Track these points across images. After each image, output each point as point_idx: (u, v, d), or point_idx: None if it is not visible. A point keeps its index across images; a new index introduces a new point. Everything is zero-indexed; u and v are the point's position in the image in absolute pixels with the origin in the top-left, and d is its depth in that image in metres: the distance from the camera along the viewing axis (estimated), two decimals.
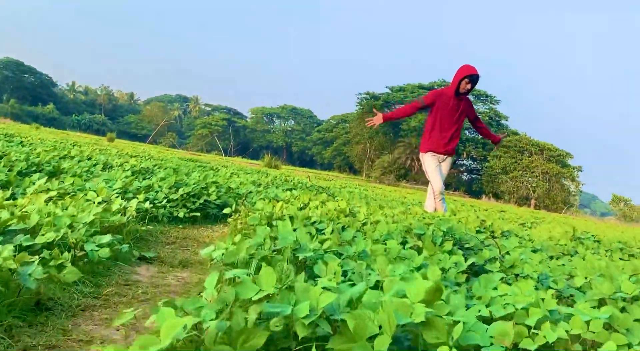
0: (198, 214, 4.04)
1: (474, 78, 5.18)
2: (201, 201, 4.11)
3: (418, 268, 2.14)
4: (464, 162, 78.84)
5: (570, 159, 66.98)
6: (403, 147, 72.74)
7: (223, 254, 1.82)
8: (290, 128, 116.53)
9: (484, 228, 4.54)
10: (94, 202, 3.24)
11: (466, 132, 75.89)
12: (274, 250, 1.90)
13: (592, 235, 4.91)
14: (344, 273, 1.86)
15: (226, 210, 3.65)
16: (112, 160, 7.21)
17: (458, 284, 2.29)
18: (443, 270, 2.28)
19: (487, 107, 75.80)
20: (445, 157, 5.50)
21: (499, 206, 26.57)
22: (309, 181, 11.61)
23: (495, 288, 2.19)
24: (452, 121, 5.39)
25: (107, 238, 2.31)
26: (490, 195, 68.37)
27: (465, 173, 79.51)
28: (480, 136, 5.77)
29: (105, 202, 3.36)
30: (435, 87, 77.62)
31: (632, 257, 4.28)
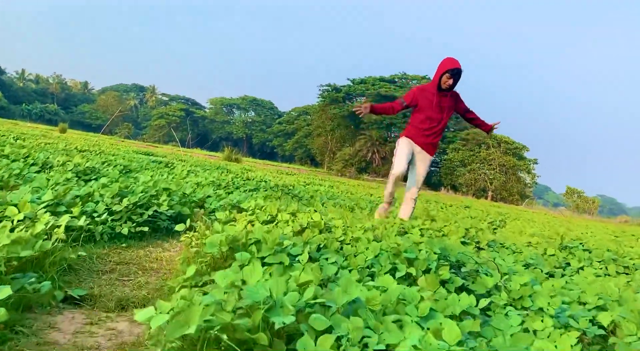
0: (146, 229, 3.42)
1: (454, 72, 4.74)
2: (150, 212, 3.49)
3: (425, 318, 1.67)
4: None
5: (526, 152, 68.50)
6: (364, 140, 72.73)
7: (168, 321, 1.29)
8: (250, 120, 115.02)
9: (469, 239, 4.13)
10: (12, 222, 2.62)
11: None
12: (240, 311, 1.38)
13: (581, 243, 4.58)
14: (338, 339, 1.37)
15: (178, 227, 3.06)
16: (53, 158, 6.45)
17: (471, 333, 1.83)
18: (452, 316, 1.81)
19: None
20: (422, 149, 5.06)
21: (461, 200, 26.64)
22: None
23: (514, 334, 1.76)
24: (436, 119, 4.95)
25: (5, 291, 1.67)
26: (449, 187, 69.24)
27: None
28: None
29: (29, 219, 2.73)
30: (396, 80, 77.99)
31: (627, 269, 3.96)
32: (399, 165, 5.00)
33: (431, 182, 75.50)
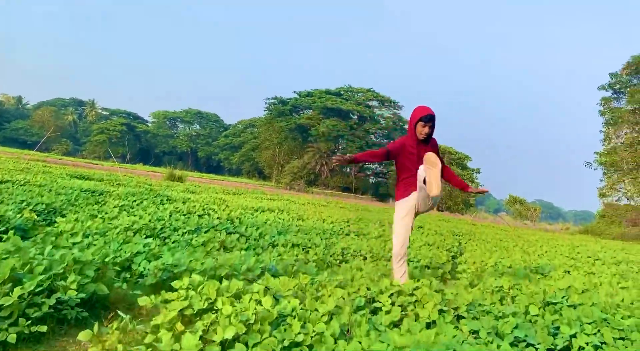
0: (44, 329, 2.58)
1: (427, 119, 4.31)
2: (52, 302, 2.70)
3: None
4: (371, 166, 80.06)
5: (469, 162, 70.10)
6: (313, 152, 72.40)
7: None
8: (195, 133, 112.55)
9: (445, 305, 3.56)
10: None
11: (372, 136, 77.26)
12: None
13: (564, 296, 4.10)
14: None
15: (82, 336, 2.27)
16: None
17: None
18: None
19: (391, 112, 77.51)
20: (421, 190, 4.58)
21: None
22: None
23: None
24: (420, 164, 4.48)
25: None
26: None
27: (372, 177, 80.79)
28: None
29: None
30: (342, 93, 78.28)
31: (622, 332, 3.49)
32: (398, 242, 4.49)
33: (379, 194, 75.99)
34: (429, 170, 4.19)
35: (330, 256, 6.46)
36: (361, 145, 73.72)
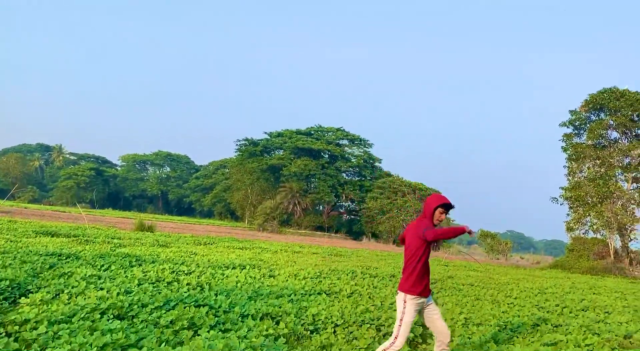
0: None
1: (447, 207, 4.56)
2: None
3: None
4: (344, 203, 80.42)
5: None
6: (285, 192, 72.52)
7: None
8: (165, 175, 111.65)
9: None
10: None
11: (344, 174, 77.88)
12: None
13: None
14: None
15: None
16: None
17: None
18: None
19: (362, 151, 78.52)
20: (428, 299, 4.67)
21: (384, 255, 26.51)
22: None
23: None
24: (427, 260, 4.67)
25: None
26: (370, 235, 70.01)
27: (345, 215, 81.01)
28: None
29: None
30: (312, 133, 79.11)
31: None
32: (402, 338, 4.51)
33: (353, 231, 76.09)
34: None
35: (301, 326, 6.47)
36: (333, 184, 74.19)
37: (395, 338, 4.49)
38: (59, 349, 4.01)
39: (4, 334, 4.82)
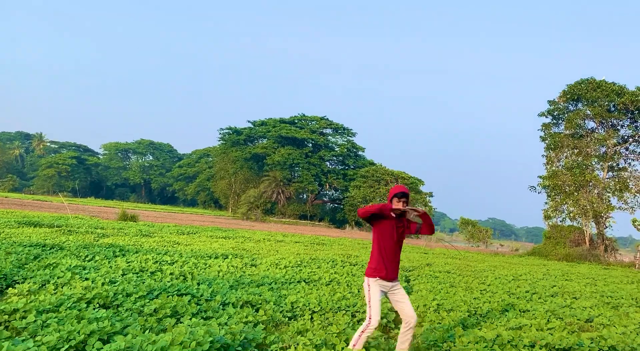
0: None
1: (399, 195, 4.85)
2: None
3: None
4: (327, 192, 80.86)
5: (422, 185, 71.89)
6: (269, 181, 72.72)
7: None
8: (148, 164, 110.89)
9: None
10: None
11: (327, 163, 78.18)
12: None
13: None
14: None
15: None
16: None
17: None
18: None
19: (345, 140, 78.83)
20: (393, 284, 4.92)
21: (365, 243, 26.96)
22: None
23: None
24: (395, 248, 4.93)
25: None
26: (353, 223, 70.63)
27: (329, 203, 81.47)
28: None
29: None
30: (296, 122, 79.12)
31: None
32: (375, 316, 4.80)
33: (336, 220, 76.64)
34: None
35: (280, 313, 6.78)
36: (316, 173, 74.49)
37: (369, 318, 4.81)
38: (48, 336, 4.26)
39: None
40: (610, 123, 37.77)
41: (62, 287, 6.64)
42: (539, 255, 35.15)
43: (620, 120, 37.58)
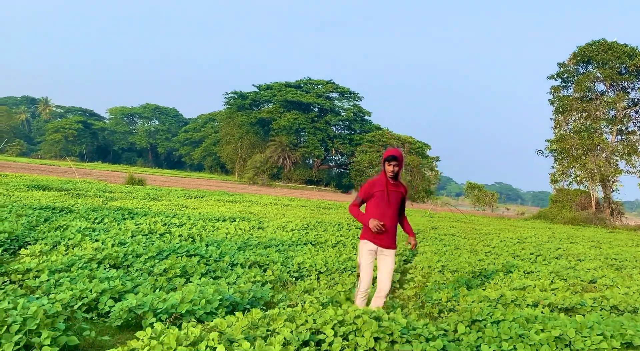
0: None
1: (390, 158, 4.81)
2: None
3: None
4: (333, 157, 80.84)
5: (429, 150, 71.64)
6: (275, 146, 72.67)
7: None
8: (154, 129, 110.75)
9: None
10: None
11: (333, 128, 77.87)
12: None
13: (489, 314, 4.65)
14: None
15: None
16: None
17: None
18: None
19: (351, 104, 78.24)
20: (384, 248, 4.91)
21: None
22: None
23: None
24: (389, 213, 4.86)
25: None
26: (359, 188, 70.88)
27: (335, 168, 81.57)
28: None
29: None
30: (301, 85, 78.43)
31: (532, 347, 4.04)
32: (365, 281, 4.84)
33: (342, 185, 76.91)
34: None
35: (287, 273, 6.90)
36: (322, 137, 74.31)
37: (360, 282, 4.90)
38: (61, 294, 4.37)
39: (8, 282, 5.18)
40: (621, 86, 37.22)
41: (72, 248, 6.76)
42: (545, 219, 35.28)
43: (631, 83, 37.03)
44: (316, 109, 76.74)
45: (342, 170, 79.76)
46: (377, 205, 4.86)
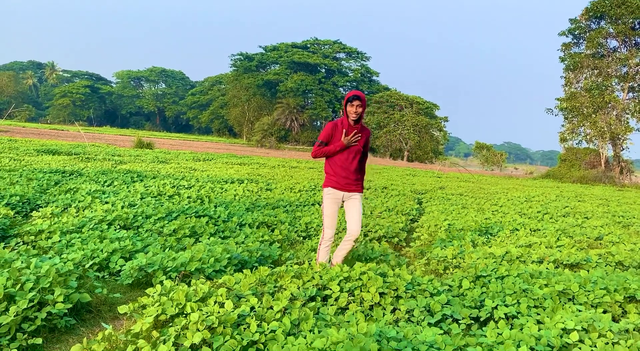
0: (40, 341, 3.03)
1: (353, 98, 4.65)
2: (43, 315, 3.12)
3: None
4: None
5: (437, 110, 70.95)
6: (282, 108, 72.28)
7: None
8: (161, 92, 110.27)
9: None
10: None
11: (341, 89, 77.13)
12: None
13: (493, 270, 4.71)
14: None
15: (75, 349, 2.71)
16: None
17: None
18: None
19: (359, 64, 77.18)
20: (349, 193, 4.81)
21: (379, 168, 27.18)
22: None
23: None
24: (351, 156, 4.74)
25: None
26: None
27: None
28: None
29: None
30: (308, 46, 77.30)
31: (537, 301, 4.10)
32: (329, 230, 4.78)
33: None
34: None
35: (295, 233, 6.99)
36: (330, 99, 73.70)
37: (323, 230, 4.89)
38: (73, 254, 4.47)
39: (21, 243, 5.30)
40: (634, 42, 36.35)
41: (83, 210, 6.87)
42: (554, 178, 35.18)
43: None
44: (323, 70, 75.83)
45: None
46: (340, 153, 4.76)
